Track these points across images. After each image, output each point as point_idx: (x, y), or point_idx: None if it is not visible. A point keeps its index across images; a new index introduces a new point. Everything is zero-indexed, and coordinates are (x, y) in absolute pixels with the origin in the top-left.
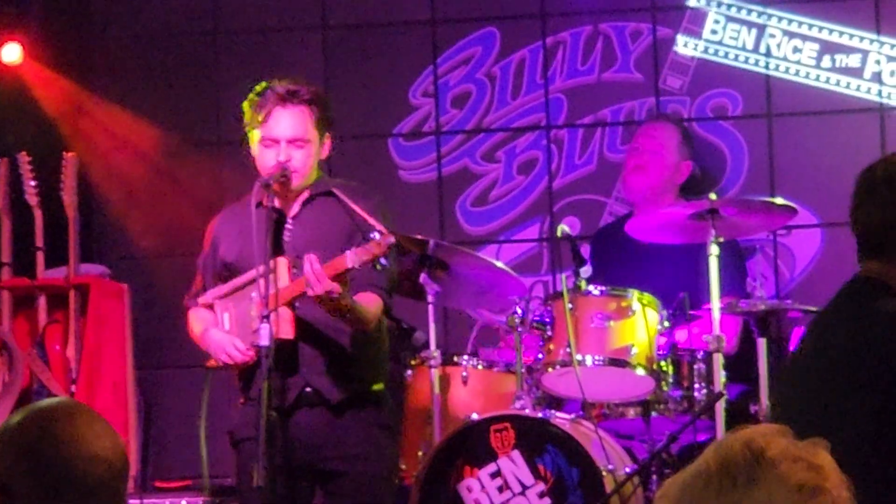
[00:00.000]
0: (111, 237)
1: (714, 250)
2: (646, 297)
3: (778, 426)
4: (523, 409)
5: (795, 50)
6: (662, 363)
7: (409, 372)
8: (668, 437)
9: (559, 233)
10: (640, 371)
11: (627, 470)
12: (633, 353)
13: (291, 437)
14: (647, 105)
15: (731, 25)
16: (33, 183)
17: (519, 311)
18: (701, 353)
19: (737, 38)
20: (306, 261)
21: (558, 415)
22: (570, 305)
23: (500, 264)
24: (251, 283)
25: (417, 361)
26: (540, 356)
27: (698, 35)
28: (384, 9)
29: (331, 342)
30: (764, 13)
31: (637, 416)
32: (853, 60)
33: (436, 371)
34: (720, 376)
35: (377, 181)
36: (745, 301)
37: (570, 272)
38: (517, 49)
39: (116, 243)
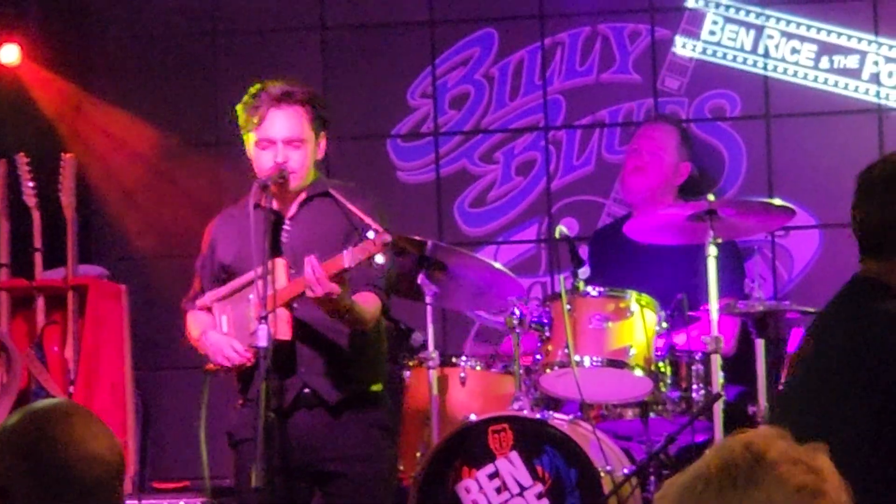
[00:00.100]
0: (109, 238)
1: (712, 251)
2: (644, 298)
3: (777, 430)
4: (521, 410)
5: (793, 51)
6: (660, 364)
7: (408, 373)
8: (666, 438)
9: (557, 234)
10: (639, 372)
11: (625, 471)
12: (631, 354)
13: (290, 438)
14: (645, 106)
15: (729, 26)
16: (31, 184)
17: (517, 312)
18: (699, 355)
19: (735, 39)
20: (307, 263)
21: (556, 416)
22: (569, 306)
23: (498, 265)
24: (249, 284)
25: (415, 362)
26: (538, 357)
27: (696, 36)
28: (382, 10)
29: (329, 343)
30: (762, 14)
31: (635, 417)
32: (851, 61)
33: (434, 372)
34: (718, 377)
35: (375, 182)
36: (743, 302)
37: (568, 273)
38: (515, 50)
39: (115, 244)
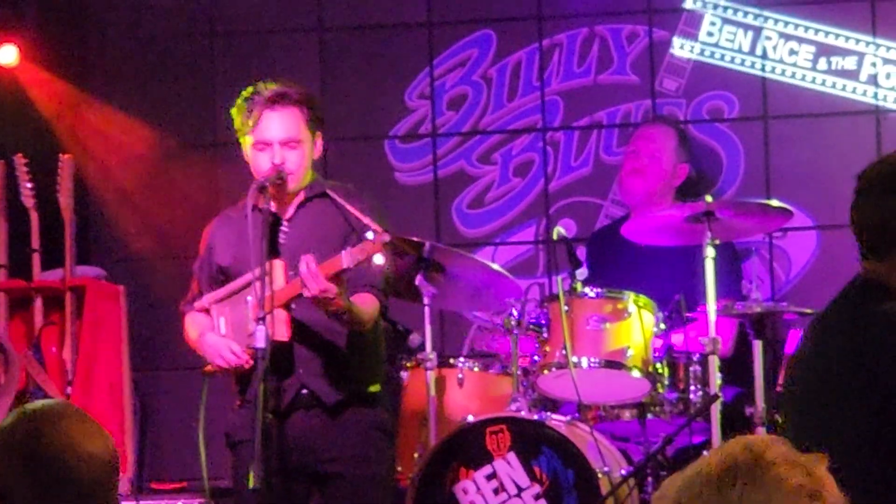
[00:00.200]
0: (107, 239)
1: (710, 252)
2: (642, 299)
3: (776, 436)
4: (519, 411)
5: (791, 52)
6: (658, 365)
7: (405, 374)
8: (663, 439)
9: (555, 235)
10: (636, 373)
11: (623, 472)
12: (628, 355)
13: (287, 438)
14: (643, 107)
15: (727, 28)
16: (29, 185)
17: (515, 313)
18: (696, 356)
19: (733, 41)
20: (302, 262)
21: (554, 417)
22: (566, 307)
23: (496, 266)
24: (247, 286)
25: (413, 363)
26: (536, 358)
27: (694, 37)
28: (380, 11)
29: (327, 344)
30: (760, 15)
31: (633, 418)
32: (849, 63)
33: (431, 373)
34: (716, 378)
35: (373, 183)
36: (740, 303)
37: (566, 274)
38: (513, 51)
39: (113, 245)
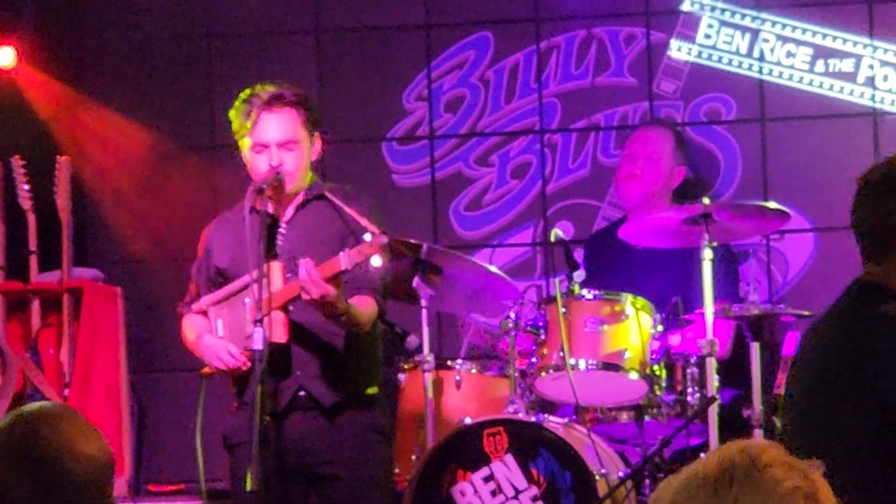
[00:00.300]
0: (105, 241)
1: (708, 254)
2: (639, 301)
3: (773, 441)
4: (516, 413)
5: (789, 54)
6: (655, 367)
7: (403, 376)
8: (661, 441)
9: (553, 237)
10: (634, 375)
11: (620, 474)
12: (626, 357)
13: (285, 440)
14: (640, 109)
15: (724, 30)
16: (27, 186)
17: (512, 315)
18: (694, 358)
19: (730, 43)
20: (302, 265)
21: (551, 419)
22: (564, 309)
23: (493, 268)
24: (245, 288)
25: (411, 365)
26: (533, 360)
27: (692, 39)
28: (378, 13)
29: (325, 346)
30: (757, 18)
31: (630, 420)
32: (846, 65)
33: (429, 375)
34: (713, 380)
35: (371, 185)
36: (738, 305)
37: (563, 276)
38: (511, 53)
39: (110, 247)
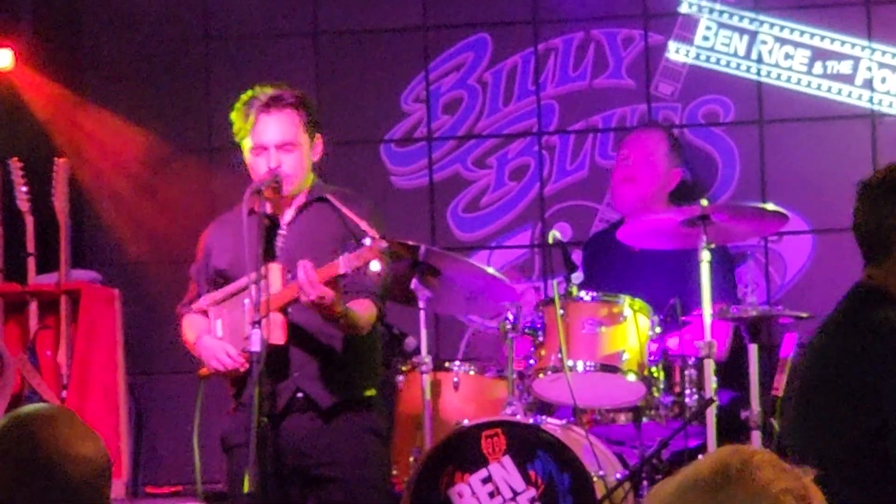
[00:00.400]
0: (102, 243)
1: (706, 256)
2: (637, 303)
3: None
4: (514, 414)
5: (787, 56)
6: (654, 369)
7: (401, 378)
8: (659, 442)
9: (550, 239)
10: (632, 377)
11: (618, 476)
12: (624, 358)
13: (282, 442)
14: (638, 111)
15: (722, 32)
16: (24, 188)
17: (510, 316)
18: (692, 359)
19: (728, 45)
20: (300, 267)
21: (549, 421)
22: (562, 311)
23: (491, 270)
24: (244, 289)
25: (409, 367)
26: (531, 362)
27: (690, 41)
28: (376, 15)
29: (323, 347)
30: (756, 20)
31: (628, 421)
32: (844, 67)
33: (427, 377)
34: (711, 382)
35: (369, 187)
36: (736, 307)
37: (561, 278)
38: (509, 55)
39: (107, 249)
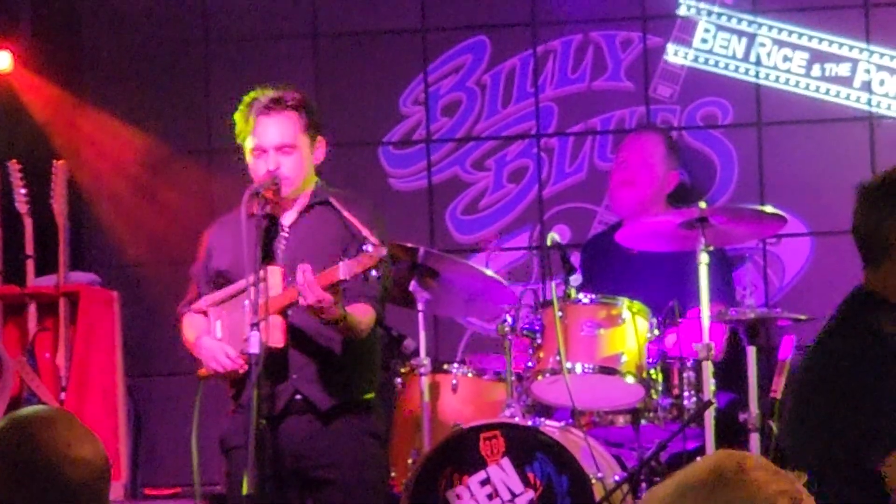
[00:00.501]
0: (101, 245)
1: (704, 258)
2: (635, 305)
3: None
4: (513, 416)
5: (785, 59)
6: (652, 371)
7: (399, 380)
8: (657, 445)
9: (549, 241)
10: (630, 379)
11: (617, 478)
12: (622, 361)
13: (280, 444)
14: (637, 113)
15: (721, 34)
16: (23, 191)
17: (509, 319)
18: (690, 362)
19: (727, 47)
20: (299, 271)
21: (548, 423)
22: (560, 313)
23: (490, 272)
24: (244, 291)
25: (407, 369)
26: (530, 364)
27: (688, 44)
28: (375, 17)
29: (322, 350)
30: (754, 22)
31: (626, 423)
32: (843, 69)
33: (426, 379)
34: (709, 384)
35: (367, 189)
36: (734, 309)
37: (559, 280)
38: (508, 57)
39: (106, 251)
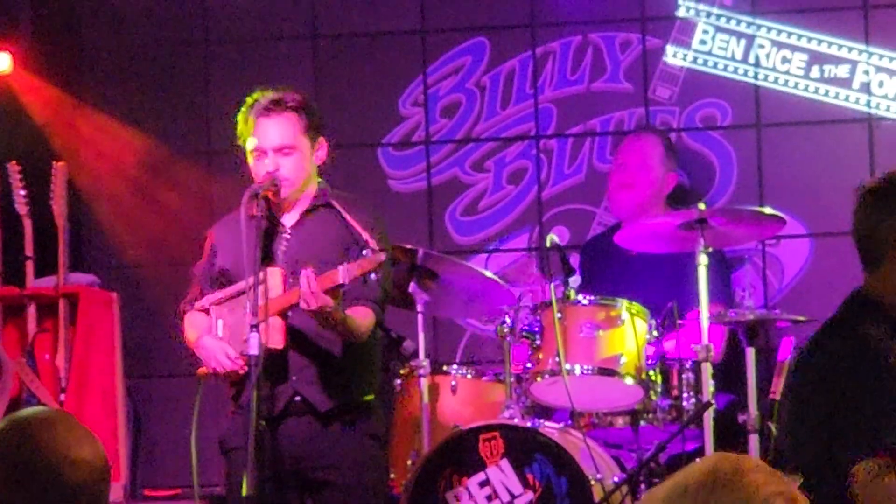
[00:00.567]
0: (100, 246)
1: (703, 260)
2: (635, 306)
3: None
4: (512, 418)
5: (784, 60)
6: (651, 372)
7: (399, 381)
8: (656, 446)
9: (548, 242)
10: (629, 380)
11: (616, 479)
12: (621, 362)
13: (280, 446)
14: (636, 115)
15: (720, 36)
16: (23, 192)
17: (508, 320)
18: (689, 363)
19: (726, 49)
20: (303, 276)
21: (547, 424)
22: (559, 315)
23: (489, 273)
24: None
25: (407, 371)
26: (529, 365)
27: (688, 45)
28: (374, 18)
29: (322, 352)
30: (753, 24)
31: (626, 425)
32: (842, 71)
33: (425, 380)
34: (708, 386)
35: (366, 190)
36: (733, 310)
37: (559, 281)
38: (507, 59)
39: (106, 252)
